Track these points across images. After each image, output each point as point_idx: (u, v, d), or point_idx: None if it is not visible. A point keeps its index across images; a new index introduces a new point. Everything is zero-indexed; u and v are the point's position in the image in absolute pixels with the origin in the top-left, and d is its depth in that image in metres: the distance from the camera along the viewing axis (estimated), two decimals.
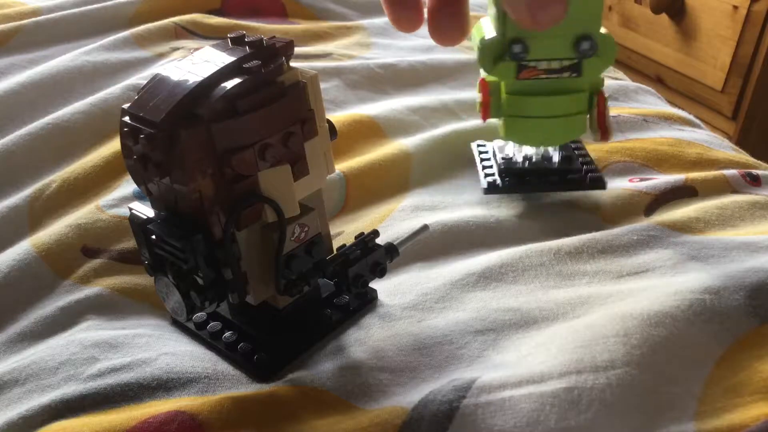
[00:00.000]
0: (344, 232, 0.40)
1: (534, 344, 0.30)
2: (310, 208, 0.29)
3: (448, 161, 0.48)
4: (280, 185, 0.27)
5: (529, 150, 0.44)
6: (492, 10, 0.39)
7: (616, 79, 0.63)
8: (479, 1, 0.82)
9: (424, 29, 0.33)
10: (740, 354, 0.29)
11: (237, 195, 0.26)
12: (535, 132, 0.41)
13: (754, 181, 0.44)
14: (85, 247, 0.38)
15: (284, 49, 0.27)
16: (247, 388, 0.29)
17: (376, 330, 0.32)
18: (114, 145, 0.47)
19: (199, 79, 0.25)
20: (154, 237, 0.26)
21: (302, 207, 0.29)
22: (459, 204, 0.43)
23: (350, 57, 0.63)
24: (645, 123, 0.52)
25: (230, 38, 0.27)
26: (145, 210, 0.27)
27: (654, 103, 0.58)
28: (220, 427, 0.27)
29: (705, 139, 0.51)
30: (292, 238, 0.29)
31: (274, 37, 0.27)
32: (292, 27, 0.71)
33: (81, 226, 0.39)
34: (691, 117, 0.56)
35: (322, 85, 0.56)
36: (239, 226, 0.26)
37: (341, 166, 0.45)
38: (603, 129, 0.40)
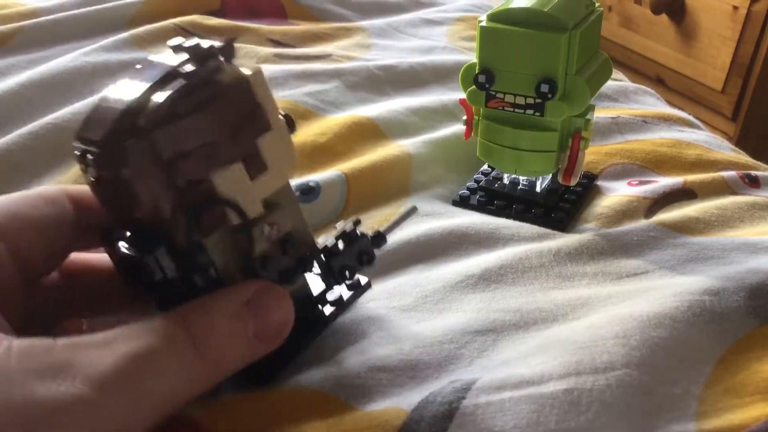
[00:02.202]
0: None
1: (534, 345, 0.30)
2: (276, 204, 0.28)
3: (449, 163, 0.48)
4: (237, 185, 0.26)
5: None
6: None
7: (616, 79, 0.63)
8: (480, 1, 0.82)
9: (424, 30, 0.33)
10: (740, 355, 0.29)
11: (194, 200, 0.25)
12: (504, 160, 0.41)
13: (753, 183, 0.44)
14: None
15: (222, 50, 0.26)
16: (245, 390, 0.29)
17: (376, 331, 0.32)
18: None
19: (139, 91, 0.24)
20: (123, 252, 0.26)
21: (268, 205, 0.28)
22: (459, 210, 0.44)
23: (350, 58, 0.63)
24: (644, 124, 0.52)
25: (170, 47, 0.27)
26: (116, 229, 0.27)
27: (653, 104, 0.58)
28: (219, 431, 0.27)
29: (704, 140, 0.51)
30: (263, 239, 0.28)
31: (211, 40, 0.27)
32: (292, 28, 0.71)
33: None
34: (690, 118, 0.56)
35: (322, 86, 0.56)
36: (204, 233, 0.26)
37: (342, 167, 0.45)
38: (567, 172, 0.41)
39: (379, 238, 0.32)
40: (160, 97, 0.24)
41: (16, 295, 0.26)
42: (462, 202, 0.44)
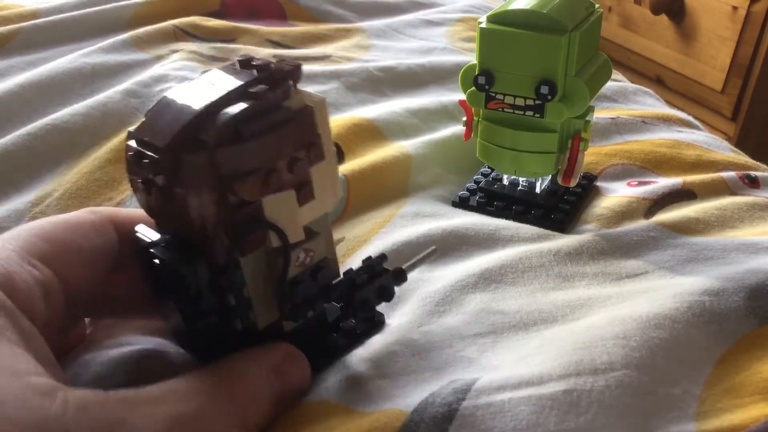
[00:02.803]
0: (345, 238, 0.40)
1: (533, 346, 0.30)
2: (315, 233, 0.29)
3: (448, 164, 0.48)
4: (285, 211, 0.27)
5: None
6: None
7: (615, 80, 0.63)
8: (479, 2, 0.82)
9: (423, 31, 0.33)
10: (740, 355, 0.29)
11: (241, 220, 0.25)
12: (504, 161, 0.41)
13: (753, 183, 0.44)
14: None
15: (291, 73, 0.26)
16: None
17: (375, 333, 0.32)
18: (113, 149, 0.47)
19: (204, 103, 0.24)
20: (157, 261, 0.26)
21: (308, 232, 0.28)
22: (459, 211, 0.43)
23: (349, 59, 0.63)
24: (644, 125, 0.52)
25: (238, 61, 0.27)
26: (149, 233, 0.27)
27: (653, 105, 0.58)
28: None
29: (704, 140, 0.51)
30: (297, 263, 0.28)
31: (282, 60, 0.27)
32: (291, 29, 0.71)
33: None
34: (689, 118, 0.56)
35: (321, 87, 0.56)
36: (243, 252, 0.26)
37: (342, 169, 0.45)
38: (566, 173, 0.41)
39: (401, 275, 0.32)
40: (227, 115, 0.24)
41: (57, 320, 0.26)
42: (461, 203, 0.44)
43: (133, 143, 0.25)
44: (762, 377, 0.27)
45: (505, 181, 0.45)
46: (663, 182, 0.44)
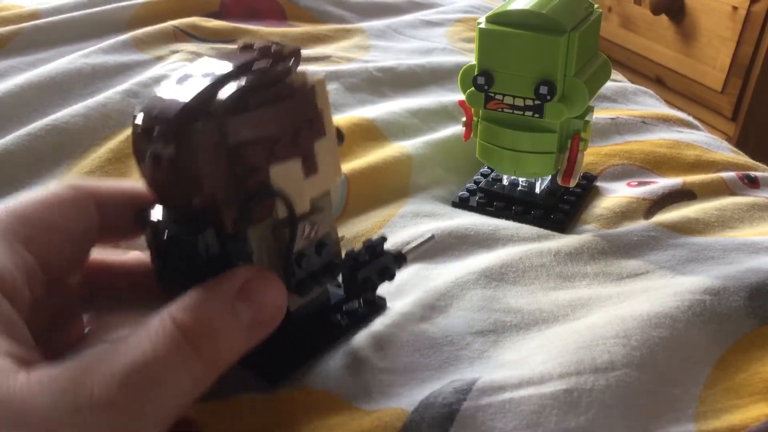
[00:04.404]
0: (344, 237, 0.40)
1: (534, 345, 0.30)
2: (319, 208, 0.30)
3: (448, 164, 0.48)
4: (291, 180, 0.27)
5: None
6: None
7: (615, 80, 0.63)
8: (479, 2, 0.82)
9: (423, 31, 0.33)
10: (740, 355, 0.29)
11: (249, 190, 0.26)
12: (503, 161, 0.41)
13: (753, 184, 0.44)
14: None
15: (292, 53, 0.28)
16: (246, 391, 0.29)
17: (377, 331, 0.32)
18: (112, 149, 0.47)
19: (209, 79, 0.25)
20: (165, 235, 0.27)
21: (312, 206, 0.29)
22: (458, 211, 0.43)
23: (349, 60, 0.63)
24: (643, 125, 0.52)
25: (239, 47, 0.28)
26: (155, 211, 0.28)
27: (652, 105, 0.58)
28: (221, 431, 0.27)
29: (703, 140, 0.51)
30: (303, 236, 0.29)
31: (280, 44, 0.28)
32: (291, 30, 0.71)
33: None
34: (689, 118, 0.56)
35: None
36: (252, 221, 0.27)
37: (342, 169, 0.45)
38: (566, 173, 0.41)
39: (401, 258, 0.33)
40: (233, 86, 0.25)
41: (42, 305, 0.26)
42: (461, 204, 0.44)
43: (139, 120, 0.26)
44: (762, 377, 0.27)
45: (505, 182, 0.45)
46: (663, 182, 0.44)
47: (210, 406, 0.28)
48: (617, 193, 0.44)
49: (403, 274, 0.37)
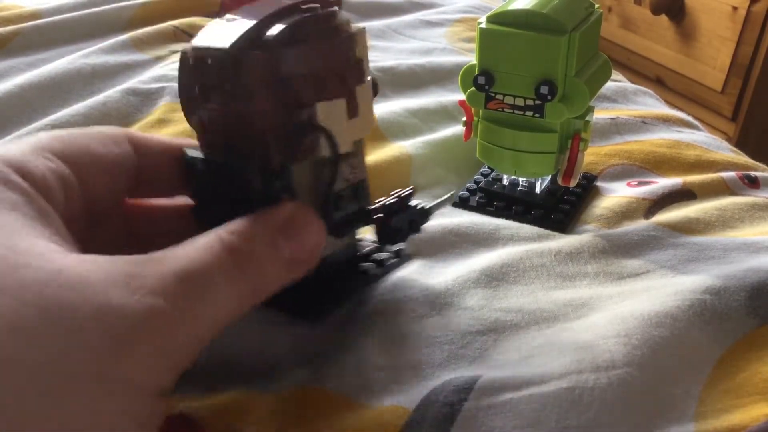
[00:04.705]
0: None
1: (535, 345, 0.30)
2: (357, 152, 0.30)
3: (448, 164, 0.48)
4: (336, 119, 0.28)
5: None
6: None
7: (615, 80, 0.63)
8: (479, 2, 0.82)
9: (423, 31, 0.33)
10: (740, 355, 0.29)
11: (296, 124, 0.27)
12: (504, 161, 0.41)
13: (753, 184, 0.44)
14: None
15: (336, 1, 0.29)
16: (247, 389, 0.29)
17: (377, 328, 0.32)
18: None
19: (260, 16, 0.26)
20: (208, 170, 0.27)
21: (352, 148, 0.30)
22: (458, 210, 0.43)
23: None
24: (643, 125, 0.52)
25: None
26: (197, 152, 0.28)
27: (652, 105, 0.58)
28: (219, 431, 0.27)
29: (703, 140, 0.51)
30: (342, 176, 0.30)
31: None
32: None
33: None
34: (689, 118, 0.56)
35: None
36: (297, 156, 0.27)
37: None
38: (566, 173, 0.41)
39: (425, 212, 0.33)
40: (286, 21, 0.26)
41: (84, 232, 0.26)
42: (461, 204, 0.44)
43: (189, 52, 0.26)
44: (762, 377, 0.27)
45: (505, 182, 0.45)
46: (663, 182, 0.44)
47: (210, 405, 0.28)
48: (617, 193, 0.44)
49: (403, 273, 0.37)
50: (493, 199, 0.44)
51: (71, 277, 0.20)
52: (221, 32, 0.26)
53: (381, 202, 0.32)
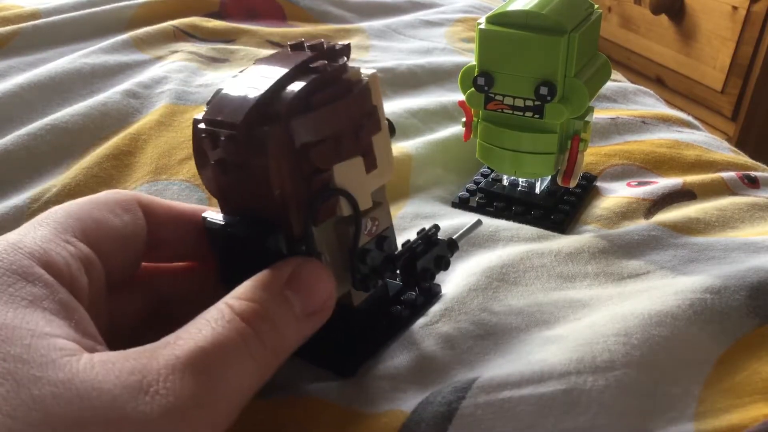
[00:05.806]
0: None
1: (535, 345, 0.30)
2: (379, 202, 0.30)
3: (448, 165, 0.48)
4: (354, 178, 0.28)
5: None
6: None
7: (615, 80, 0.63)
8: (479, 2, 0.82)
9: (423, 31, 0.33)
10: (740, 354, 0.29)
11: (314, 190, 0.26)
12: (503, 162, 0.41)
13: (753, 183, 0.44)
14: None
15: (344, 50, 0.28)
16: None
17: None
18: (112, 146, 0.47)
19: (270, 82, 0.25)
20: (234, 239, 0.27)
21: (372, 201, 0.30)
22: (458, 211, 0.43)
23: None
24: (643, 125, 0.52)
25: (290, 45, 0.28)
26: (217, 216, 0.28)
27: (652, 105, 0.58)
28: None
29: (703, 140, 0.51)
30: (365, 232, 0.29)
31: (330, 42, 0.28)
32: (291, 30, 0.71)
33: None
34: (689, 118, 0.56)
35: None
36: (317, 221, 0.27)
37: None
38: (566, 174, 0.41)
39: (453, 245, 0.33)
40: (296, 86, 0.25)
41: (106, 304, 0.26)
42: (461, 204, 0.44)
43: (203, 126, 0.26)
44: (762, 377, 0.27)
45: (505, 182, 0.45)
46: (663, 182, 0.44)
47: None
48: (617, 193, 0.44)
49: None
50: (493, 200, 0.44)
51: (82, 389, 0.20)
52: (233, 97, 0.25)
53: (407, 245, 0.32)
